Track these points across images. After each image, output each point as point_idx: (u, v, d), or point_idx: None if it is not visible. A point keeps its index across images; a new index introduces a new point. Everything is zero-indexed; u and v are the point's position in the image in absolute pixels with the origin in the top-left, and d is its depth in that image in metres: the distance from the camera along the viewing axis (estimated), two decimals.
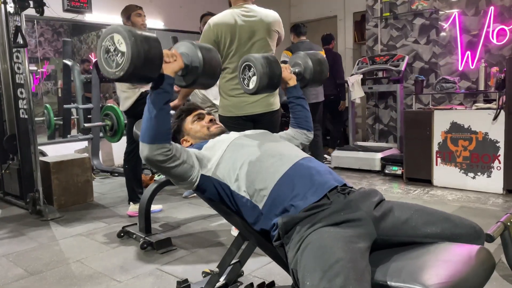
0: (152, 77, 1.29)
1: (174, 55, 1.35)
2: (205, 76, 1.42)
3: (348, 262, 1.02)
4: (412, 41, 5.15)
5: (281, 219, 1.22)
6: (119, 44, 1.21)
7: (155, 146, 1.30)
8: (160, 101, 1.30)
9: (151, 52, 1.22)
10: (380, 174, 4.60)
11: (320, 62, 1.83)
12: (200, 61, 1.39)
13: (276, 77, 1.64)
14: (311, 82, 1.83)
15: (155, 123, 1.29)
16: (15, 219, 3.44)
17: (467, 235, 1.27)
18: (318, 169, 1.36)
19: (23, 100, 3.52)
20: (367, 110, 5.80)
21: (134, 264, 2.46)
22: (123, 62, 1.20)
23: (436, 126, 3.95)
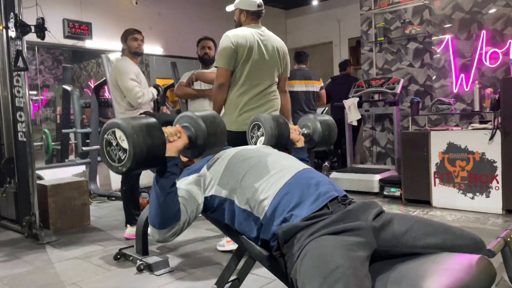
0: (156, 167, 1.28)
1: (178, 131, 1.35)
2: (211, 146, 1.41)
3: (348, 269, 1.01)
4: (406, 64, 5.24)
5: (281, 228, 1.22)
6: (121, 140, 1.19)
7: (166, 231, 1.31)
8: (166, 184, 1.29)
9: (154, 145, 1.21)
10: (378, 196, 4.58)
11: (329, 126, 1.89)
12: (204, 133, 1.37)
13: (284, 139, 1.70)
14: (319, 145, 1.88)
15: (164, 208, 1.29)
16: (11, 243, 3.39)
17: (468, 247, 1.26)
18: (318, 180, 1.36)
19: (22, 123, 3.54)
20: (364, 133, 5.84)
21: (131, 286, 2.42)
22: (125, 158, 1.18)
23: (433, 147, 3.97)
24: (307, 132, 1.85)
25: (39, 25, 3.43)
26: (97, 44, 5.48)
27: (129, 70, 3.29)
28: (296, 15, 8.24)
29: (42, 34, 3.46)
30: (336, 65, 7.72)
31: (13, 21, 3.40)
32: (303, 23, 8.08)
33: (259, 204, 1.32)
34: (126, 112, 3.26)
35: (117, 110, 3.38)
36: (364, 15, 5.59)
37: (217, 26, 6.12)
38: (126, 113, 3.26)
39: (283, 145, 1.72)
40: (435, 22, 4.95)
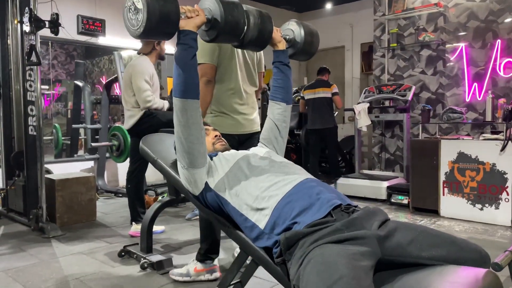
0: (171, 32, 1.36)
1: (196, 10, 1.41)
2: (228, 30, 1.47)
3: (352, 279, 1.00)
4: (419, 71, 5.19)
5: (284, 235, 1.21)
6: (137, 2, 1.30)
7: (185, 101, 1.38)
8: (185, 56, 1.37)
9: (167, 7, 1.31)
10: (386, 203, 4.54)
11: (312, 33, 1.83)
12: (221, 14, 1.43)
13: (266, 33, 1.63)
14: (300, 53, 1.81)
15: (184, 77, 1.37)
16: (17, 236, 3.42)
17: (473, 260, 1.24)
18: (321, 188, 1.35)
19: (33, 117, 3.57)
20: (373, 139, 5.80)
21: (134, 284, 2.42)
22: (141, 19, 1.29)
23: (443, 156, 3.92)
24: (289, 37, 1.78)
25: (53, 20, 3.46)
26: (110, 41, 5.51)
27: (146, 70, 3.27)
28: (309, 18, 8.21)
29: (56, 30, 3.49)
30: (349, 69, 7.69)
31: (27, 16, 3.44)
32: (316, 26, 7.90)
33: (260, 213, 1.31)
34: (132, 109, 3.27)
35: (124, 107, 3.38)
36: (378, 20, 5.55)
37: None
38: (132, 109, 3.27)
39: (265, 39, 1.64)
40: (449, 29, 4.90)
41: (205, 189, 1.43)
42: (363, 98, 5.28)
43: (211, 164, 1.48)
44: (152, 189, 4.69)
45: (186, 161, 1.45)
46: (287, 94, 1.78)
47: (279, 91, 1.77)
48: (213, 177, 1.44)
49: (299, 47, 1.79)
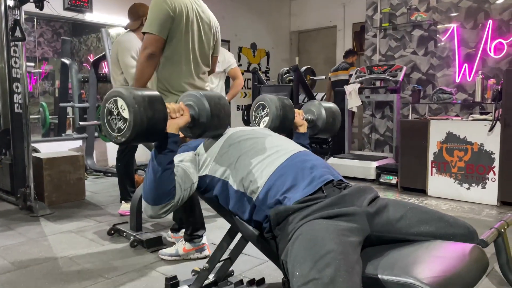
0: (155, 140, 1.26)
1: (181, 109, 1.32)
2: (213, 128, 1.39)
3: (339, 254, 1.00)
4: (410, 52, 5.18)
5: (273, 210, 1.20)
6: (122, 109, 1.17)
7: (159, 207, 1.30)
8: (165, 161, 1.27)
9: (155, 118, 1.18)
10: (375, 183, 4.58)
11: (334, 114, 1.86)
12: (207, 113, 1.34)
13: (288, 122, 1.68)
14: (322, 132, 1.86)
15: (160, 184, 1.27)
16: (5, 214, 3.39)
17: (461, 235, 1.26)
18: (314, 163, 1.34)
19: (19, 95, 3.50)
20: (363, 119, 5.81)
21: (123, 261, 2.42)
22: (125, 128, 1.17)
23: (432, 136, 3.95)
24: (311, 118, 1.83)
25: None
26: (97, 17, 5.39)
27: (132, 46, 3.19)
28: None
29: (40, 5, 3.39)
30: (340, 50, 7.64)
31: None
32: (308, 6, 7.95)
33: (253, 186, 1.30)
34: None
35: (113, 86, 3.33)
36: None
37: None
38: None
39: (287, 127, 1.69)
40: (441, 9, 4.87)
41: (199, 181, 1.42)
42: (354, 79, 5.27)
43: (198, 159, 1.45)
44: (142, 169, 4.67)
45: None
46: None
47: None
48: (205, 165, 1.43)
49: (321, 128, 1.84)
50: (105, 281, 2.16)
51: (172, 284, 1.83)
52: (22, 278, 2.18)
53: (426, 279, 0.98)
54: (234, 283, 1.82)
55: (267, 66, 7.95)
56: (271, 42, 7.96)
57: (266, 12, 7.71)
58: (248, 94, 7.37)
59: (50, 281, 2.15)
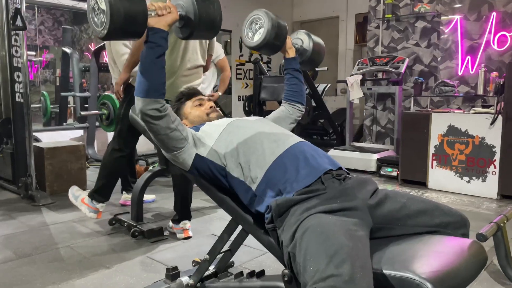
0: (139, 32, 1.28)
1: (168, 7, 1.33)
2: (202, 27, 1.39)
3: (353, 249, 1.01)
4: (413, 43, 5.15)
5: (275, 201, 1.21)
6: (100, 2, 1.22)
7: (148, 100, 1.31)
8: (151, 55, 1.30)
9: (132, 8, 1.22)
10: (375, 175, 4.58)
11: (319, 44, 1.88)
12: (195, 11, 1.35)
13: (281, 37, 1.66)
14: (308, 61, 1.86)
15: (148, 77, 1.30)
16: (6, 203, 3.40)
17: (454, 223, 1.30)
18: (312, 153, 1.35)
19: (20, 84, 3.49)
20: (365, 112, 5.80)
21: (124, 251, 2.44)
22: (105, 20, 1.21)
23: (433, 129, 3.94)
24: (298, 46, 1.83)
25: None
26: None
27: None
28: None
29: None
30: (342, 40, 7.59)
31: None
32: None
33: (252, 175, 1.31)
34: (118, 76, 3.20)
35: (112, 76, 3.32)
36: None
37: None
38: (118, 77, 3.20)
39: (280, 43, 1.67)
40: (445, 1, 4.83)
41: (196, 161, 1.42)
42: (356, 70, 5.24)
43: (197, 136, 1.45)
44: (143, 159, 4.68)
45: (164, 148, 1.43)
46: (302, 97, 1.84)
47: (295, 95, 1.82)
48: (204, 147, 1.42)
49: (307, 55, 1.84)
50: (106, 270, 2.18)
51: (173, 274, 1.84)
52: (24, 267, 2.20)
53: (424, 273, 0.99)
54: (234, 274, 1.83)
55: (268, 56, 7.91)
56: None
57: (268, 1, 7.65)
58: (249, 84, 7.35)
59: (52, 270, 2.17)
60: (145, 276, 2.11)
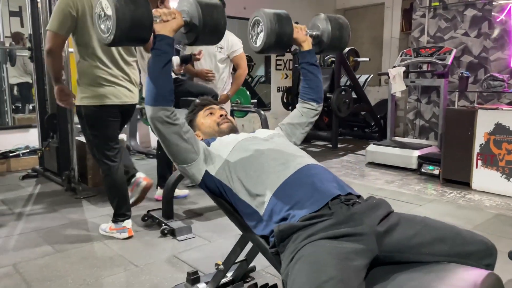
0: (145, 38, 1.29)
1: (172, 13, 1.33)
2: (207, 32, 1.38)
3: (339, 282, 0.97)
4: (461, 33, 4.85)
5: (278, 227, 1.19)
6: (106, 8, 1.23)
7: (157, 108, 1.32)
8: (158, 62, 1.30)
9: (138, 13, 1.22)
10: (416, 173, 4.41)
11: (341, 26, 1.69)
12: (199, 16, 1.35)
13: (286, 36, 1.55)
14: (328, 49, 1.71)
15: (156, 85, 1.31)
16: (51, 195, 3.61)
17: (478, 252, 1.19)
18: (321, 177, 1.30)
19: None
20: (408, 104, 5.57)
21: (153, 249, 2.52)
22: (111, 26, 1.22)
23: (479, 127, 3.72)
24: (316, 33, 1.68)
25: None
26: None
27: None
28: None
29: None
30: (388, 29, 7.29)
31: None
32: None
33: (259, 199, 1.29)
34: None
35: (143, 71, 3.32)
36: None
37: None
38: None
39: (285, 43, 1.56)
40: None
41: (206, 177, 1.42)
42: (399, 62, 5.03)
43: (208, 152, 1.45)
44: None
45: (175, 160, 1.44)
46: (318, 94, 1.70)
47: (310, 92, 1.68)
48: (213, 164, 1.42)
49: (326, 43, 1.68)
50: (134, 268, 2.26)
51: (193, 279, 1.88)
52: (59, 262, 2.33)
53: None
54: (248, 286, 1.84)
55: None
56: None
57: None
58: (289, 75, 7.26)
59: (85, 266, 2.28)
60: (169, 277, 2.17)
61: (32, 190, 3.78)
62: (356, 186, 3.91)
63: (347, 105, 5.70)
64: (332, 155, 5.53)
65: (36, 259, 2.36)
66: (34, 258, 2.37)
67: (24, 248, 2.50)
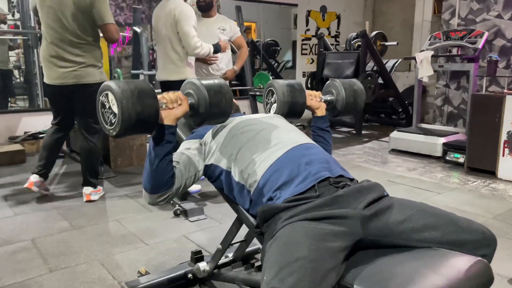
0: (149, 132, 1.25)
1: (179, 99, 1.28)
2: (213, 118, 1.35)
3: (310, 262, 0.96)
4: (494, 15, 4.60)
5: (262, 207, 1.19)
6: (112, 103, 1.17)
7: (156, 196, 1.31)
8: (161, 153, 1.26)
9: (145, 113, 1.17)
10: (440, 161, 4.28)
11: (355, 93, 1.73)
12: (206, 103, 1.29)
13: (298, 107, 1.62)
14: (342, 113, 1.74)
15: (157, 174, 1.27)
16: (75, 175, 3.74)
17: (474, 242, 1.13)
18: (311, 157, 1.28)
19: None
20: (436, 90, 5.38)
21: (165, 228, 2.58)
22: (115, 122, 1.17)
23: (507, 113, 3.55)
24: (330, 98, 1.73)
25: None
26: None
27: (193, 16, 3.16)
28: None
29: None
30: (419, 11, 7.02)
31: None
32: None
33: (251, 179, 1.29)
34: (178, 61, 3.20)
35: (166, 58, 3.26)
36: None
37: None
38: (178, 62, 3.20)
39: (298, 112, 1.63)
40: None
41: (205, 169, 1.44)
42: (428, 45, 4.85)
43: (204, 149, 1.45)
44: None
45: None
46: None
47: None
48: (209, 155, 1.43)
49: (340, 109, 1.72)
50: (144, 247, 2.33)
51: (196, 258, 1.91)
52: (75, 239, 2.43)
53: None
54: (245, 266, 1.86)
55: (337, 30, 7.60)
56: (342, 4, 7.55)
57: None
58: (314, 60, 7.15)
59: (98, 243, 2.37)
60: (177, 255, 2.22)
61: (57, 170, 3.93)
62: (375, 172, 3.84)
63: (372, 91, 5.57)
64: (355, 141, 5.44)
65: (53, 235, 2.47)
66: (51, 234, 2.48)
67: (43, 224, 2.62)
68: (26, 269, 2.06)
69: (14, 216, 2.77)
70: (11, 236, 2.44)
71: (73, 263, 2.13)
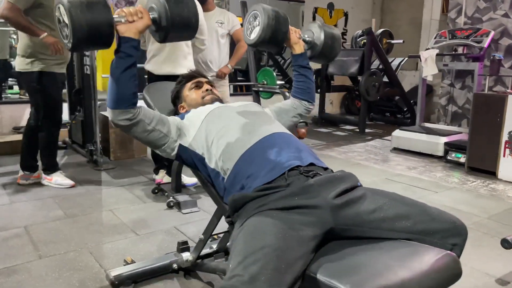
0: (106, 44, 1.23)
1: (139, 12, 1.27)
2: (177, 29, 1.33)
3: (275, 250, 0.97)
4: (501, 14, 4.53)
5: (232, 196, 1.19)
6: (63, 15, 1.18)
7: (117, 112, 1.30)
8: (121, 65, 1.26)
9: (96, 21, 1.17)
10: (441, 160, 4.24)
11: (333, 37, 1.71)
12: (167, 13, 1.28)
13: (280, 34, 1.58)
14: (319, 56, 1.72)
15: (117, 88, 1.27)
16: (75, 166, 3.79)
17: (444, 231, 1.14)
18: (282, 146, 1.28)
19: (87, 58, 3.79)
20: (441, 89, 5.32)
21: (157, 220, 2.59)
22: (69, 34, 1.18)
23: (509, 113, 3.50)
24: (308, 39, 1.71)
25: None
26: None
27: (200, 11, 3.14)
28: None
29: None
30: (428, 9, 6.94)
31: None
32: None
33: (224, 167, 1.30)
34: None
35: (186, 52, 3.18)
36: None
37: None
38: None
39: (279, 41, 1.59)
40: None
41: (180, 150, 1.42)
42: (433, 44, 4.79)
43: (182, 125, 1.44)
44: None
45: (149, 146, 1.44)
46: (309, 94, 1.72)
47: (302, 93, 1.71)
48: (186, 136, 1.42)
49: (317, 50, 1.71)
50: (134, 237, 2.35)
51: (182, 248, 1.93)
52: (67, 227, 2.46)
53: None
54: (226, 257, 1.86)
55: (344, 27, 7.55)
56: (351, 1, 7.50)
57: None
58: None
59: (89, 232, 2.40)
60: (165, 246, 2.24)
61: (58, 160, 3.95)
62: (374, 170, 3.82)
63: (376, 89, 5.53)
64: (358, 139, 5.41)
65: (47, 223, 2.50)
66: (45, 222, 2.51)
67: (38, 212, 2.66)
68: (17, 255, 2.09)
69: (10, 204, 2.81)
70: (5, 223, 2.48)
71: (63, 250, 2.16)
